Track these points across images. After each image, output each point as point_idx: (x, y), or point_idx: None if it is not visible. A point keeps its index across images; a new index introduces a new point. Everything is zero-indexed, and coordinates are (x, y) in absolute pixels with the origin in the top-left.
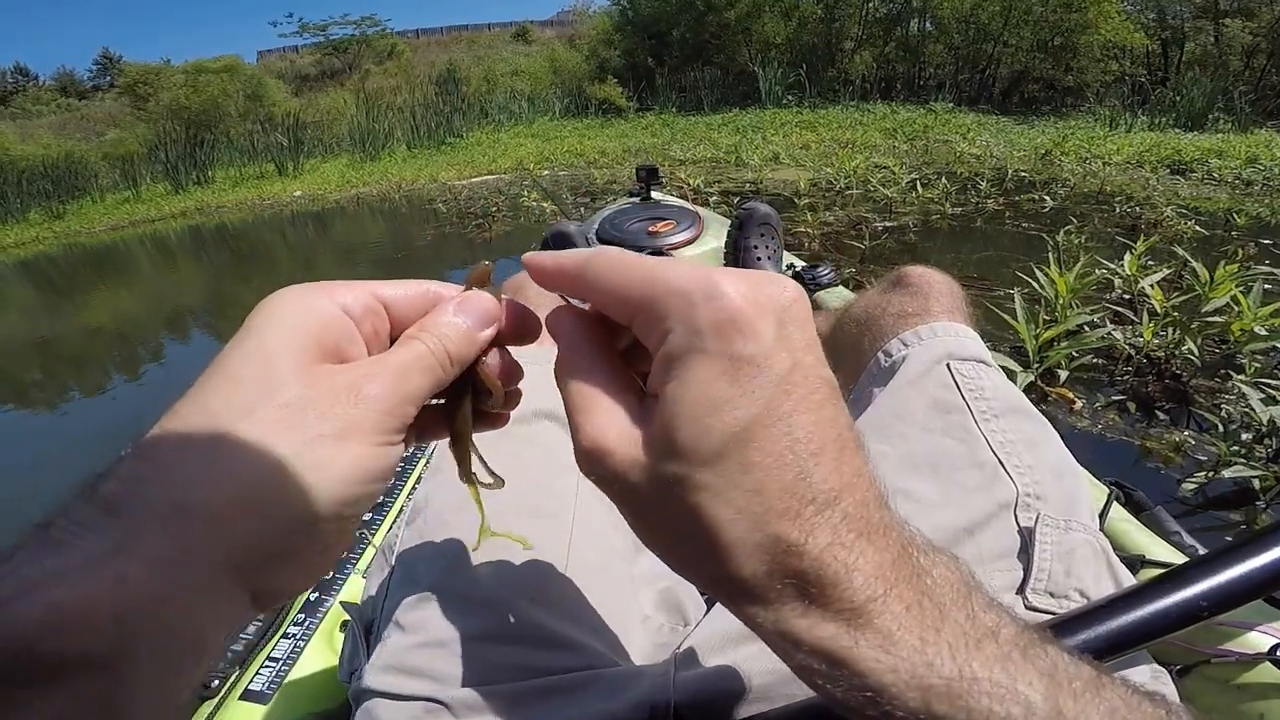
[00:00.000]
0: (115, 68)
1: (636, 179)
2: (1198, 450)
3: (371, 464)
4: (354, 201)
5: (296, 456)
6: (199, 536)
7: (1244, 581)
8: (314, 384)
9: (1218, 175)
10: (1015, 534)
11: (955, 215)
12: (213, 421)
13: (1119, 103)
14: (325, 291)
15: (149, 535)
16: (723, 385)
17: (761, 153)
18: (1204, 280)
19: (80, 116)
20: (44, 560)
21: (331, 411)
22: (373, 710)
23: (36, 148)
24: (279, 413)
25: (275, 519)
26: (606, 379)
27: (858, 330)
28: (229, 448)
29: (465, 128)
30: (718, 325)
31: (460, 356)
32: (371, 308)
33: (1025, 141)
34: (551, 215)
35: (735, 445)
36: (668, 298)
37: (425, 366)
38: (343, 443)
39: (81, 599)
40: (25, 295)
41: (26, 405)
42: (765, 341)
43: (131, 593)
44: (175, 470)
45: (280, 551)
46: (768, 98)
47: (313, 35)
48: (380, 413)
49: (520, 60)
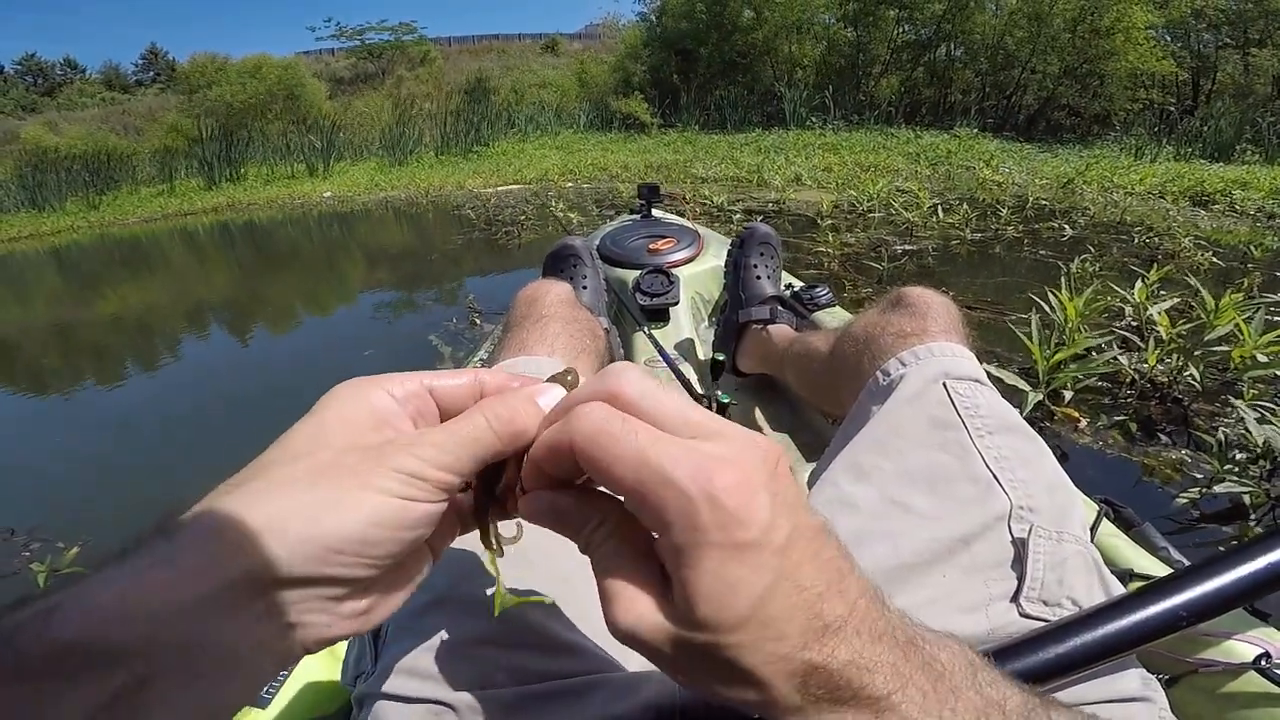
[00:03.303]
0: (160, 63)
1: (638, 196)
2: (1194, 469)
3: (388, 513)
4: (382, 205)
5: (318, 497)
6: (223, 553)
7: (1221, 592)
8: (352, 448)
9: (1240, 207)
10: (1009, 545)
11: (974, 241)
12: (262, 472)
13: (1145, 132)
14: (377, 382)
15: (186, 552)
16: (733, 569)
17: (784, 173)
18: (1210, 308)
19: (122, 110)
20: (104, 571)
21: (359, 467)
22: (378, 713)
23: (75, 139)
24: (315, 465)
25: (290, 544)
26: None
27: (857, 349)
28: (265, 488)
29: (492, 137)
30: (720, 524)
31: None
32: (417, 393)
33: (1048, 169)
34: (579, 226)
35: (754, 611)
36: (663, 491)
37: (474, 440)
38: (361, 492)
39: (117, 597)
40: (55, 282)
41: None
42: (764, 520)
43: (163, 595)
44: (222, 505)
45: (300, 577)
46: (792, 119)
47: (350, 40)
48: (400, 472)
49: (548, 73)
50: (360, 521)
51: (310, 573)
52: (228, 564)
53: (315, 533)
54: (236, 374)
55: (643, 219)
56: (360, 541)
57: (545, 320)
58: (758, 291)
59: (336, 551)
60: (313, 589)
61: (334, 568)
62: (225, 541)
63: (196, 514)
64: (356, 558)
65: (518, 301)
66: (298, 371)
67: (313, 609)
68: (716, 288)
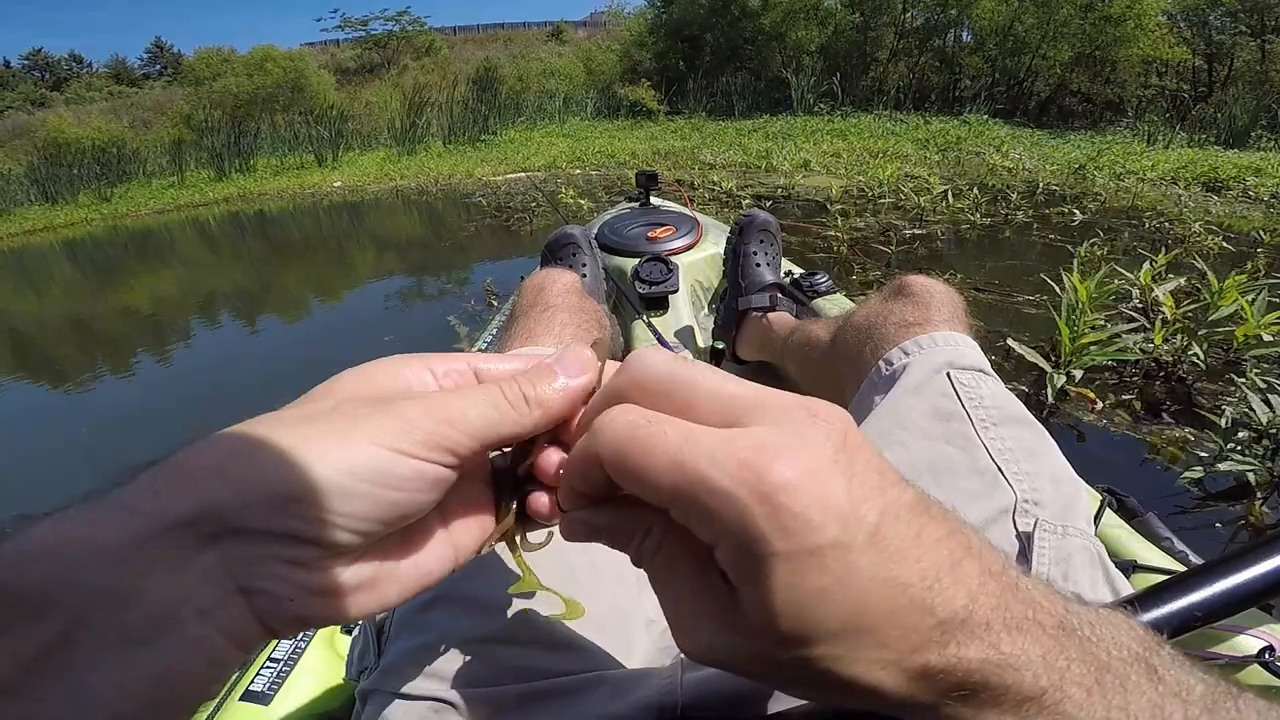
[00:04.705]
0: (166, 56)
1: (636, 184)
2: (1198, 447)
3: (369, 463)
4: (392, 193)
5: (293, 439)
6: (168, 492)
7: (1235, 592)
8: (360, 399)
9: (1254, 193)
10: (1014, 539)
11: (984, 226)
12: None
13: (1158, 118)
14: (419, 357)
15: (131, 491)
16: (811, 578)
17: (793, 159)
18: (1214, 289)
19: (130, 103)
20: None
21: (354, 415)
22: (382, 709)
23: (90, 131)
24: (311, 411)
25: (244, 486)
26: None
27: (859, 338)
28: (245, 429)
29: (499, 126)
30: (783, 530)
31: (545, 401)
32: (461, 372)
33: (1059, 155)
34: (589, 212)
35: (846, 622)
36: (709, 500)
37: (485, 398)
38: (346, 435)
39: (52, 537)
40: (74, 274)
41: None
42: (840, 512)
43: (92, 534)
44: (193, 446)
45: (254, 529)
46: (799, 105)
47: (354, 30)
48: (404, 422)
49: (555, 60)
50: (332, 467)
51: (266, 525)
52: (168, 504)
53: (275, 475)
54: (256, 362)
55: (641, 206)
56: (330, 493)
57: (552, 310)
58: (757, 279)
59: (297, 500)
60: (271, 547)
61: (294, 521)
62: (173, 480)
63: (169, 457)
64: (324, 512)
65: (524, 290)
66: (318, 359)
67: (271, 574)
68: (716, 275)
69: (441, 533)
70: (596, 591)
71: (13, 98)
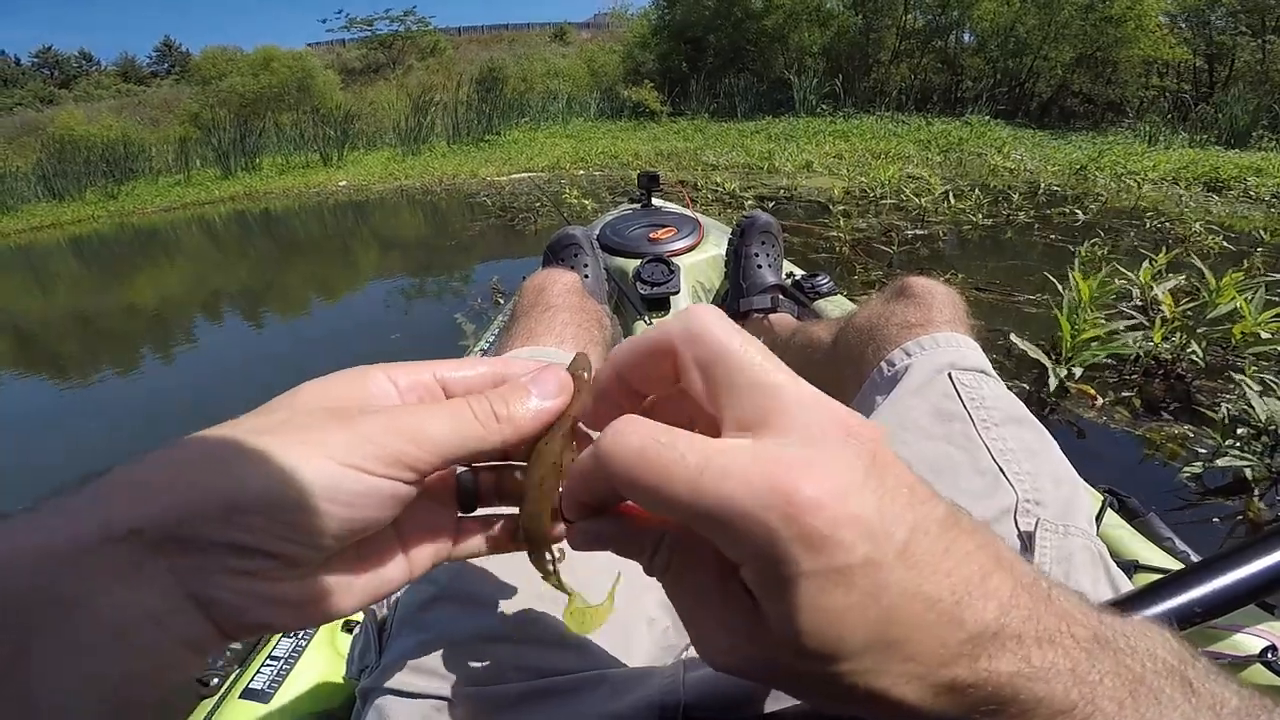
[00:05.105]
0: (174, 55)
1: (638, 185)
2: (1197, 443)
3: (319, 477)
4: (397, 193)
5: (242, 449)
6: (113, 500)
7: (1234, 588)
8: (316, 410)
9: (1255, 193)
10: (1015, 539)
11: (986, 226)
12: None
13: (1159, 118)
14: (379, 368)
15: (80, 497)
16: (838, 597)
17: (795, 160)
18: (1212, 287)
19: (138, 101)
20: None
21: (309, 427)
22: (383, 707)
23: (99, 129)
24: (265, 422)
25: (188, 496)
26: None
27: (861, 339)
28: (193, 440)
29: (503, 126)
30: (811, 550)
31: (516, 419)
32: (425, 384)
33: (1060, 156)
34: (593, 212)
35: (873, 639)
36: (735, 523)
37: (451, 415)
38: (297, 447)
39: (4, 545)
40: (82, 271)
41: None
42: (870, 530)
43: (40, 541)
44: (145, 456)
45: (201, 539)
46: (802, 106)
47: (359, 30)
48: (360, 437)
49: (558, 61)
50: (277, 480)
51: (212, 536)
52: (116, 512)
53: (224, 486)
54: (262, 362)
55: (643, 207)
56: (280, 507)
57: (553, 310)
58: (759, 280)
59: (242, 512)
60: (220, 557)
61: (240, 532)
62: (122, 488)
63: (122, 464)
64: (271, 523)
65: (525, 290)
66: (323, 357)
67: (223, 584)
68: (717, 276)
69: (398, 545)
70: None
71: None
